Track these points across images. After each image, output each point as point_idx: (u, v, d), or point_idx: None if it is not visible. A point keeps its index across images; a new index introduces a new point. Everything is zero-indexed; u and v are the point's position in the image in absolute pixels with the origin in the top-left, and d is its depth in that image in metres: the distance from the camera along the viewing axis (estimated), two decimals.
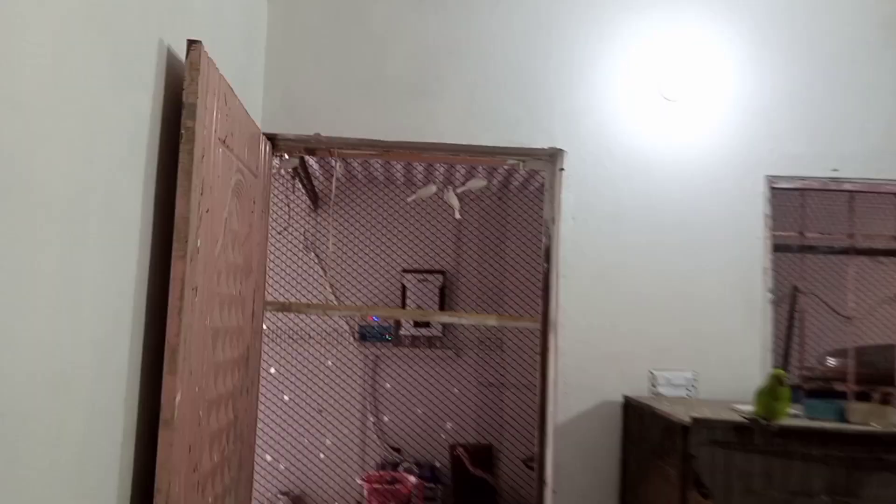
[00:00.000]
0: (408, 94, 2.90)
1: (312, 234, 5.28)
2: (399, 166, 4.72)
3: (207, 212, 1.86)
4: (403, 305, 5.24)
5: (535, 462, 2.98)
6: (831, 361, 3.19)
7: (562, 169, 2.90)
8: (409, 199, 4.23)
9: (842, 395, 2.81)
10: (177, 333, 1.67)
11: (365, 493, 4.44)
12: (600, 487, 2.80)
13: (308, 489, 5.08)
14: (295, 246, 5.21)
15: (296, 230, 5.22)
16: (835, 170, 2.93)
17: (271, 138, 2.80)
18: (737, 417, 2.25)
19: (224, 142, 2.04)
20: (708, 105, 2.98)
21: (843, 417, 2.32)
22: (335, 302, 5.19)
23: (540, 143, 2.91)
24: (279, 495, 5.04)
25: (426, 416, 5.20)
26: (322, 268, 5.22)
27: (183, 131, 1.73)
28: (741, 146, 2.96)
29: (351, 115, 2.87)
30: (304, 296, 5.16)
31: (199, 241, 1.80)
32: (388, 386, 5.25)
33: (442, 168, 4.47)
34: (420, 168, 4.59)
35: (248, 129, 2.38)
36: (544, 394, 2.90)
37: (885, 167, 2.93)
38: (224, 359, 2.14)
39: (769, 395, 2.20)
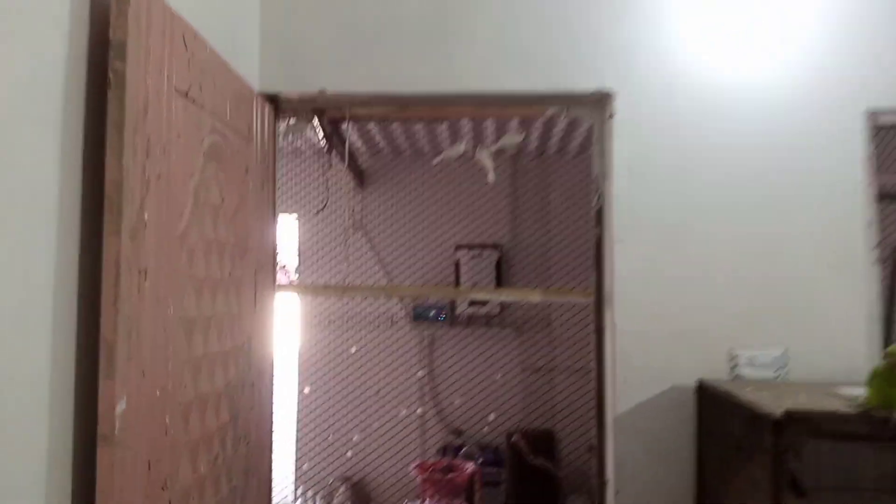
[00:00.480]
0: (424, 38, 2.49)
1: (358, 213, 4.97)
2: (445, 134, 4.32)
3: (159, 177, 1.53)
4: (458, 283, 4.88)
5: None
6: None
7: (612, 115, 2.44)
8: (434, 162, 3.82)
9: None
10: (113, 328, 1.34)
11: (415, 484, 4.12)
12: (672, 489, 2.37)
13: (368, 475, 4.84)
14: (336, 226, 4.90)
15: (337, 209, 4.90)
16: None
17: (272, 99, 2.46)
18: (843, 408, 1.78)
19: (187, 95, 1.70)
20: (792, 27, 2.45)
21: None
22: (388, 283, 4.87)
23: (584, 85, 2.45)
24: (338, 482, 4.81)
25: (486, 398, 4.84)
26: (345, 244, 4.91)
27: (111, 76, 1.39)
28: (834, 75, 2.42)
29: (361, 66, 2.49)
30: (354, 278, 4.87)
31: (146, 214, 1.47)
32: (444, 367, 4.92)
33: (493, 128, 4.02)
34: (467, 129, 4.16)
35: (231, 85, 2.04)
36: (601, 379, 2.48)
37: None
38: (208, 352, 1.82)
39: (886, 379, 1.72)
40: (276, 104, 2.49)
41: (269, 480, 2.42)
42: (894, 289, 2.72)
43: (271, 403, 2.44)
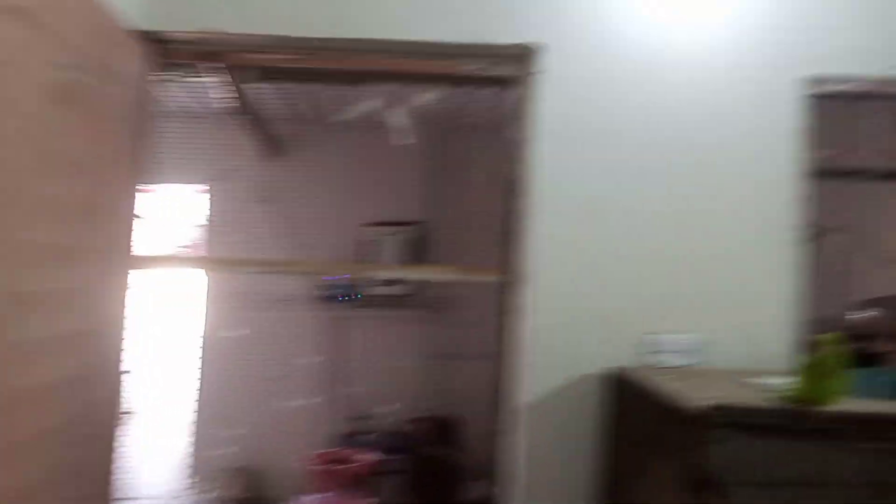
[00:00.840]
0: None
1: (270, 184, 4.60)
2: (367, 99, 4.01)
3: None
4: (371, 261, 4.59)
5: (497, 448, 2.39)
6: (856, 315, 2.59)
7: (537, 72, 2.22)
8: (337, 118, 3.52)
9: (879, 358, 2.23)
10: None
11: (312, 475, 3.85)
12: (579, 486, 2.20)
13: (266, 464, 4.54)
14: (249, 197, 4.52)
15: (248, 179, 4.52)
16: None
17: (149, 38, 2.11)
18: (761, 399, 1.64)
19: (21, 15, 1.36)
20: None
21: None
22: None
23: (508, 37, 2.22)
24: (232, 471, 4.50)
25: (394, 383, 4.61)
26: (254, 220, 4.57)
27: None
28: (772, 38, 2.25)
29: (259, 6, 2.18)
30: (262, 253, 4.50)
31: None
32: (352, 350, 4.66)
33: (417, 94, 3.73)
34: (391, 95, 3.84)
35: (91, 15, 1.70)
36: (506, 365, 2.29)
37: None
38: (42, 336, 1.50)
39: (816, 371, 1.59)
40: (155, 45, 2.14)
41: (110, 484, 2.06)
42: (820, 274, 2.63)
43: (117, 398, 2.09)
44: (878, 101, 2.29)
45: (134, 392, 2.08)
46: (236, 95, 3.23)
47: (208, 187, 4.55)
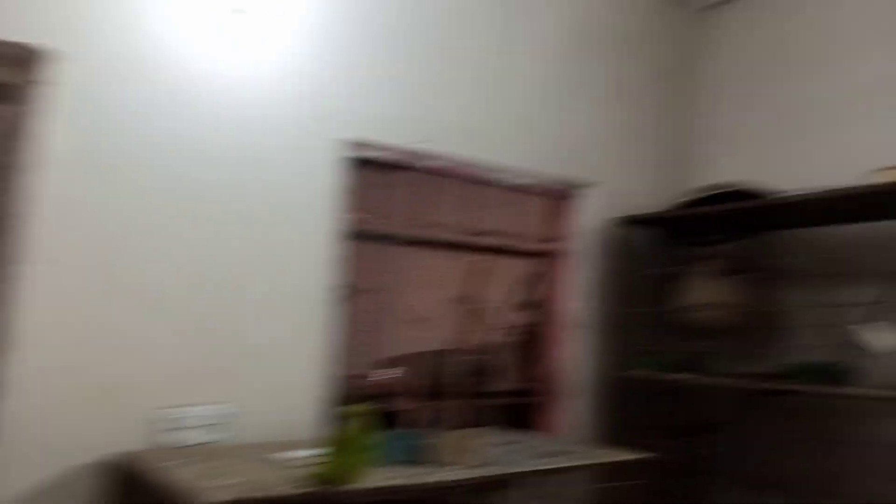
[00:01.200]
0: None
1: None
2: None
3: None
4: None
5: None
6: (381, 373, 2.73)
7: (48, 83, 1.77)
8: None
9: (401, 416, 2.36)
10: None
11: None
12: None
13: None
14: None
15: None
16: (423, 141, 2.38)
17: None
18: (289, 484, 1.48)
19: None
20: (286, 32, 2.17)
21: (420, 456, 1.77)
22: None
23: (10, 32, 1.73)
24: None
25: None
26: None
27: None
28: (312, 97, 2.20)
29: None
30: None
31: None
32: None
33: None
34: None
35: None
36: None
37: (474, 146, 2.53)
38: None
39: (342, 447, 1.50)
40: None
41: None
42: (350, 334, 2.65)
43: None
44: (408, 171, 2.45)
45: None
46: None
47: None
